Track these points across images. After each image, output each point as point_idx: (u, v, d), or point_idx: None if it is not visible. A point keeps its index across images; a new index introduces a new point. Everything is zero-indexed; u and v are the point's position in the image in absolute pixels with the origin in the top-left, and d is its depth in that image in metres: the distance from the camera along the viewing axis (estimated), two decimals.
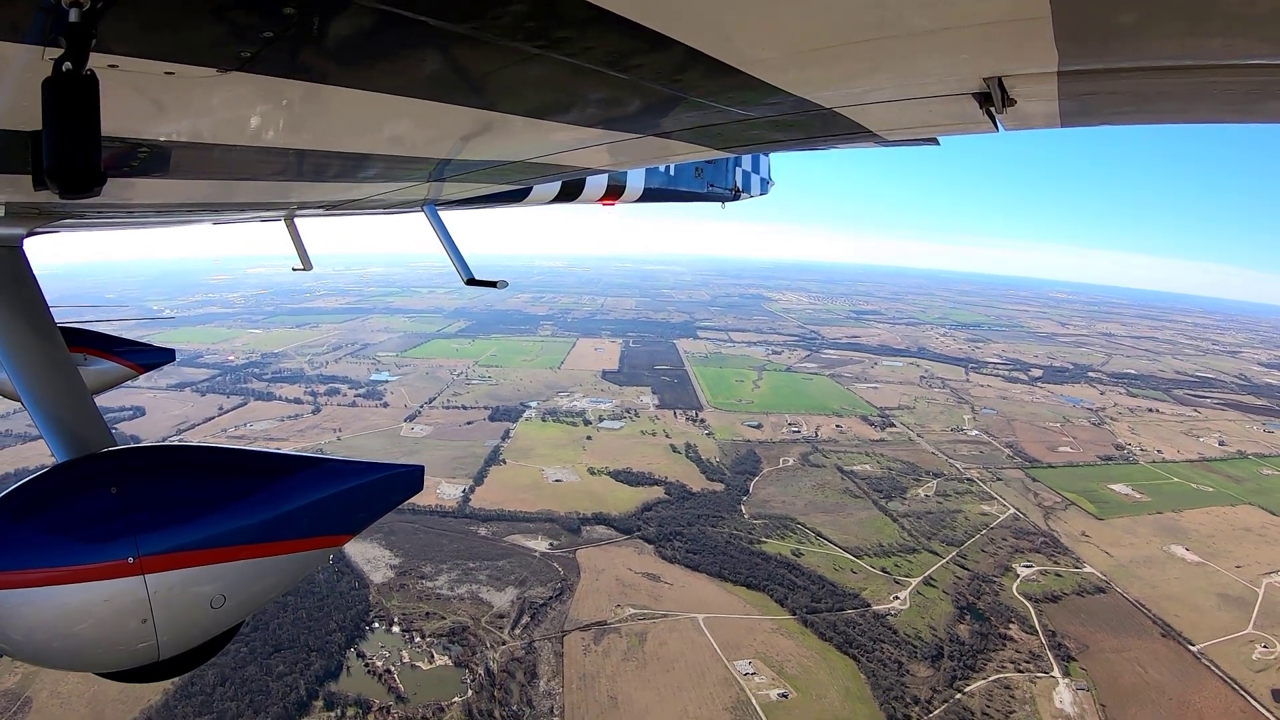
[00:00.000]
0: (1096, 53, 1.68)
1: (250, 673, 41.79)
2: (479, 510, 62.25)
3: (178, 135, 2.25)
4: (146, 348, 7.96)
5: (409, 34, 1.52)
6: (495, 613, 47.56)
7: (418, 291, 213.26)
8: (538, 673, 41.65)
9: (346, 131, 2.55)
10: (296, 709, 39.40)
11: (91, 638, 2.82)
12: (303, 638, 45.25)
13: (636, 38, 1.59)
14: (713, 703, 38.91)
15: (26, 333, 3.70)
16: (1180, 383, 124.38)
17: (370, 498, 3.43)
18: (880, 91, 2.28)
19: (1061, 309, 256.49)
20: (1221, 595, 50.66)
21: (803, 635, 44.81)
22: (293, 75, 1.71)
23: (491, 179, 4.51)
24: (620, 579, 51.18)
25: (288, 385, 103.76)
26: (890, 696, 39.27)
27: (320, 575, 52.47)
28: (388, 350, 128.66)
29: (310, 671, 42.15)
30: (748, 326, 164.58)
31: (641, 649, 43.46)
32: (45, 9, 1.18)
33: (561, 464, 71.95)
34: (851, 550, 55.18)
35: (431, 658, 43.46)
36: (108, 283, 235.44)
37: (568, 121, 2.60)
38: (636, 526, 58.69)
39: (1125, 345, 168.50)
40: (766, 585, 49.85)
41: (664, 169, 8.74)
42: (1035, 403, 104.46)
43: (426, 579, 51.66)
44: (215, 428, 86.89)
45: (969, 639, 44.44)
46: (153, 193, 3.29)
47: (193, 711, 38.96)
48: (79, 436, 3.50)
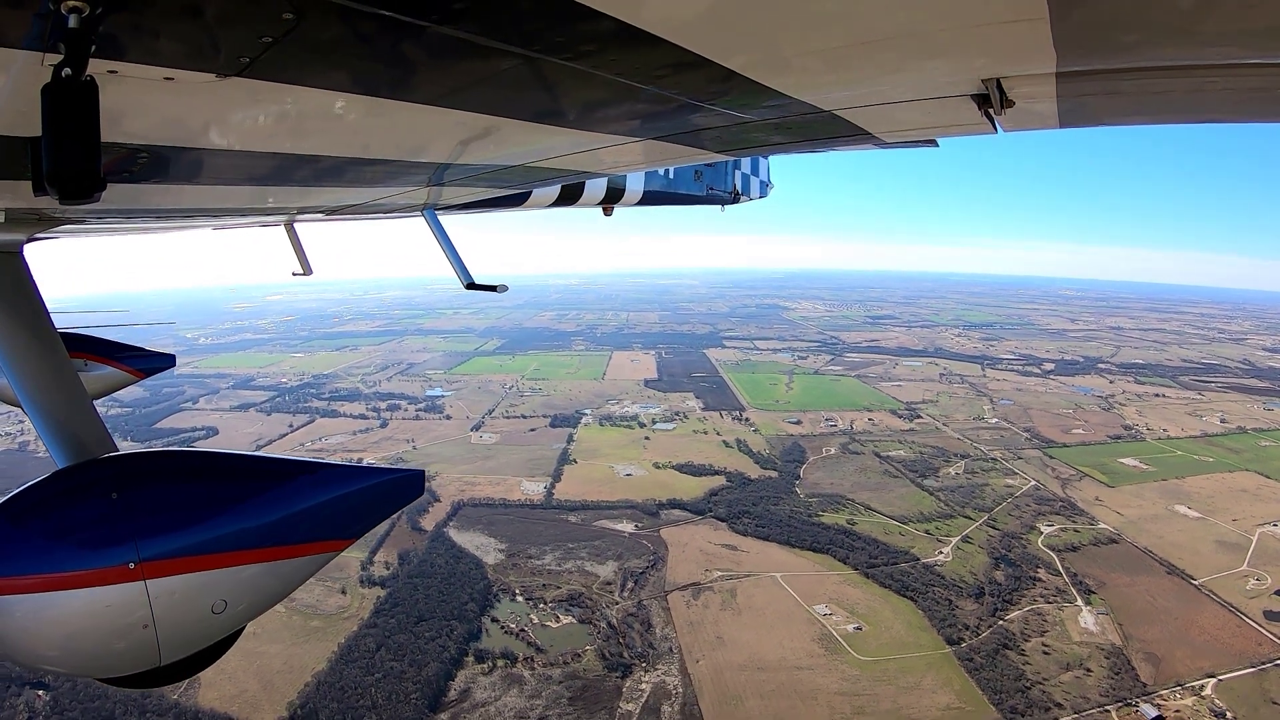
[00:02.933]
0: (1095, 54, 1.74)
1: (402, 639, 50.72)
2: (564, 501, 71.90)
3: (177, 140, 2.30)
4: (147, 353, 8.07)
5: (407, 39, 1.58)
6: (602, 581, 57.21)
7: (443, 313, 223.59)
8: (651, 623, 51.26)
9: (346, 136, 2.63)
10: (452, 664, 47.78)
11: (93, 643, 2.86)
12: (439, 610, 54.63)
13: (636, 42, 1.64)
14: (802, 637, 48.61)
15: (27, 338, 3.73)
16: (1186, 369, 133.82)
17: (371, 503, 3.50)
18: (879, 94, 2.36)
19: (1071, 306, 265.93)
20: (1219, 542, 60.30)
21: (866, 584, 54.59)
22: (292, 80, 1.77)
23: (491, 183, 4.60)
24: (703, 550, 60.96)
25: (347, 403, 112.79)
26: (945, 625, 48.99)
27: (439, 559, 62.33)
28: (434, 368, 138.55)
29: (455, 635, 50.69)
30: (770, 335, 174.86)
31: (734, 601, 53.20)
32: (44, 15, 1.19)
33: (627, 461, 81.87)
34: (897, 518, 65.08)
35: (557, 618, 52.89)
36: (134, 314, 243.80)
37: (567, 126, 2.69)
38: (708, 508, 68.52)
39: (1133, 338, 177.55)
40: (829, 548, 59.67)
41: (663, 172, 8.96)
42: (1049, 393, 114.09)
43: (534, 558, 61.27)
44: (292, 442, 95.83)
45: (1004, 581, 54.24)
46: (153, 198, 3.34)
47: (360, 673, 48.31)
48: (80, 442, 3.54)
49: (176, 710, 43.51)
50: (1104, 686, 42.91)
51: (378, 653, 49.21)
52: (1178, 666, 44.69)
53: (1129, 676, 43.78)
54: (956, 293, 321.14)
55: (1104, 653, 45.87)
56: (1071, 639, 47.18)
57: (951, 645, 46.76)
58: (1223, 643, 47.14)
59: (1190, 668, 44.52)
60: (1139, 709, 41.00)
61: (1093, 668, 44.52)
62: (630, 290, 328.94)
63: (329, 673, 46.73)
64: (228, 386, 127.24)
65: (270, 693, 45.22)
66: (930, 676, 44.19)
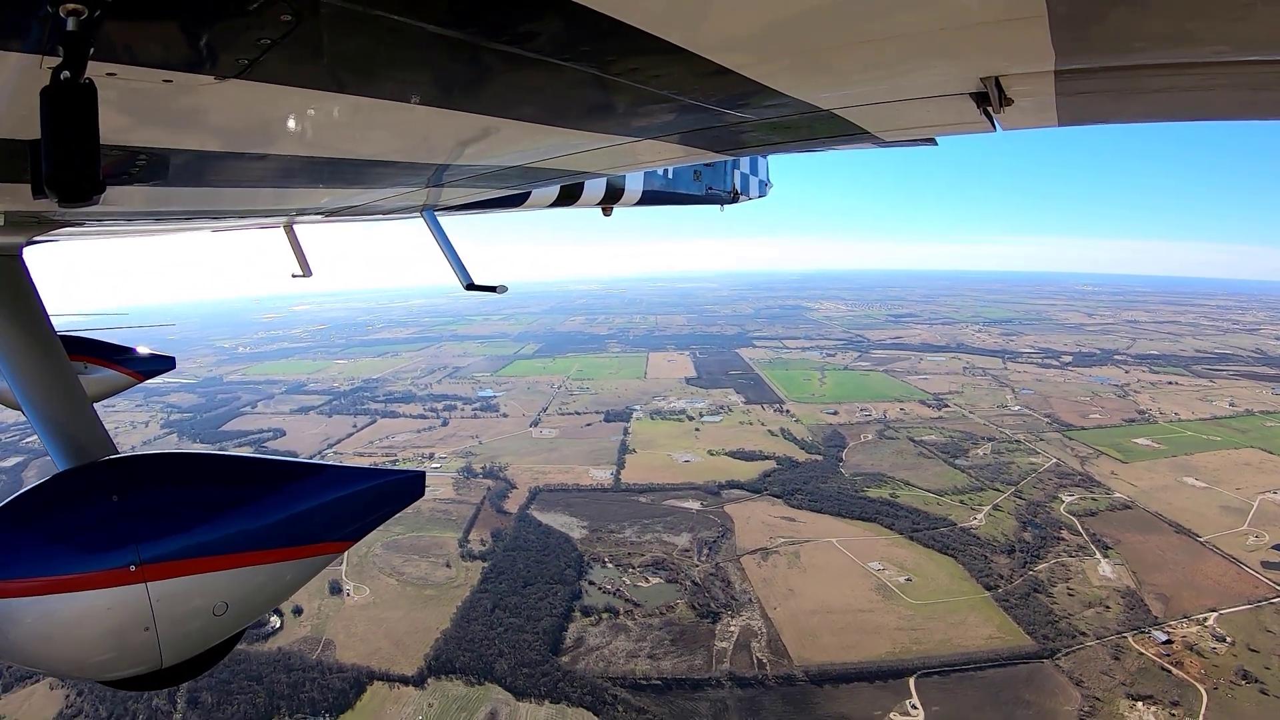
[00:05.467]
0: (1093, 52, 1.76)
1: (514, 601, 59.67)
2: (632, 485, 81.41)
3: (176, 143, 2.34)
4: (147, 355, 8.16)
5: (406, 40, 1.60)
6: (680, 549, 66.70)
7: (473, 320, 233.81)
8: (730, 580, 60.74)
9: (345, 138, 2.68)
10: (563, 618, 56.49)
11: (93, 646, 2.91)
12: (540, 576, 63.78)
13: (634, 42, 1.67)
14: (861, 587, 58.05)
15: (27, 341, 3.78)
16: (1199, 359, 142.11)
17: (371, 504, 3.56)
18: (877, 93, 2.39)
19: (1088, 301, 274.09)
20: (1223, 507, 69.29)
21: (911, 546, 63.99)
22: (291, 82, 1.80)
23: (490, 183, 4.66)
24: (765, 521, 70.47)
25: (403, 404, 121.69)
26: (983, 575, 58.35)
27: (529, 536, 71.70)
28: (479, 371, 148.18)
29: (559, 596, 59.39)
30: (797, 334, 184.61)
31: (799, 561, 62.70)
32: (43, 18, 1.21)
33: (683, 449, 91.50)
34: (934, 491, 74.57)
35: (646, 579, 62.27)
36: (171, 327, 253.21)
37: (566, 126, 2.74)
38: (764, 487, 78.09)
39: (1149, 330, 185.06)
40: (876, 517, 69.17)
41: (662, 172, 9.12)
42: (1067, 383, 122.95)
43: (615, 532, 70.76)
44: (361, 441, 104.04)
45: (1032, 540, 63.55)
46: (152, 200, 3.39)
47: (483, 629, 56.80)
48: (80, 445, 3.60)
49: (320, 666, 52.52)
50: (1121, 619, 52.19)
51: (494, 612, 58.40)
52: (1184, 604, 53.85)
53: (1142, 611, 53.02)
54: (974, 290, 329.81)
55: (1120, 594, 55.15)
56: (1092, 584, 56.52)
57: (989, 590, 56.20)
58: (1224, 586, 56.24)
59: (1195, 605, 53.67)
60: (1150, 635, 50.21)
61: (1111, 605, 53.81)
62: (653, 294, 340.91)
63: (454, 630, 55.64)
64: (281, 392, 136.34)
65: (403, 649, 53.97)
66: (973, 615, 53.58)
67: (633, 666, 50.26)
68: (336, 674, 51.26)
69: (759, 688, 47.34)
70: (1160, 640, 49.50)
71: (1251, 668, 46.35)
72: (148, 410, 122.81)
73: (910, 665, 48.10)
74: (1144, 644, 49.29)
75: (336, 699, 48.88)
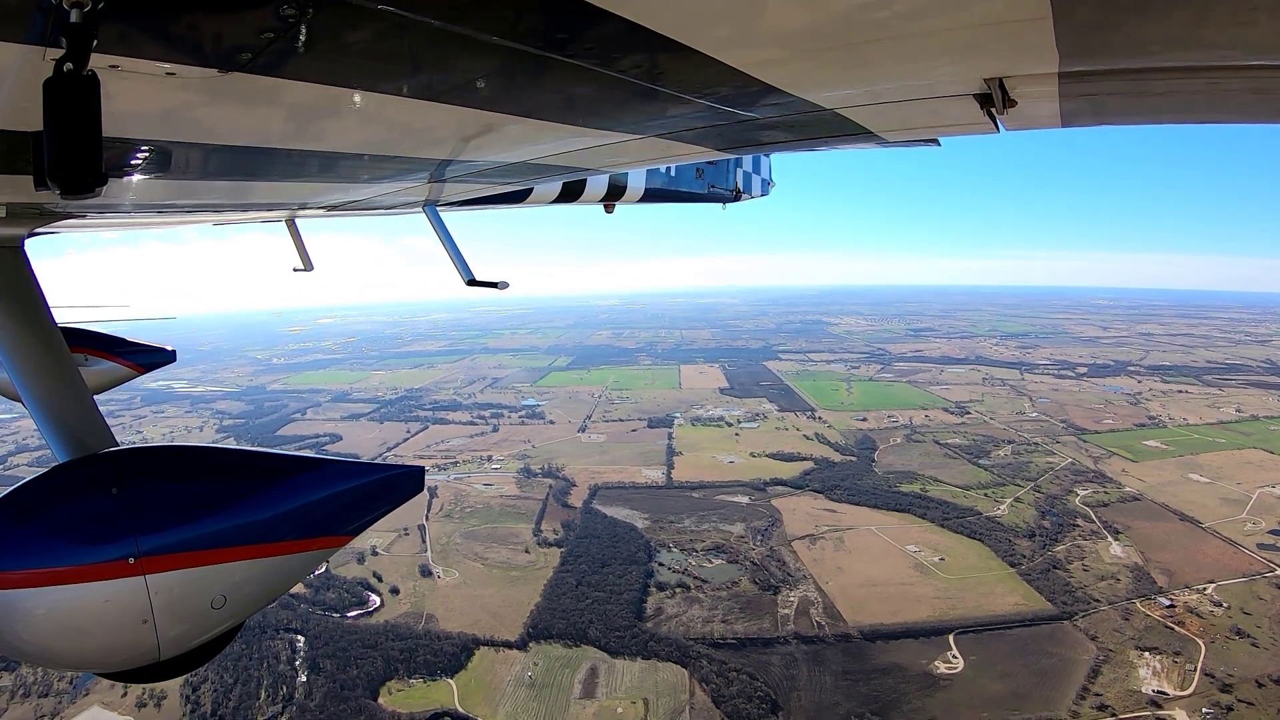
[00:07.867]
0: (1097, 53, 1.78)
1: (595, 578, 68.12)
2: (683, 483, 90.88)
3: (179, 136, 2.36)
4: (147, 348, 8.31)
5: (410, 35, 1.64)
6: (737, 535, 76.07)
7: (500, 333, 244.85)
8: (785, 561, 70.14)
9: (349, 132, 2.72)
10: (641, 592, 65.57)
11: (92, 638, 2.95)
12: (615, 558, 72.89)
13: (638, 39, 1.69)
14: (900, 566, 67.41)
15: (27, 333, 3.83)
16: (1210, 370, 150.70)
17: (371, 498, 3.63)
18: (881, 93, 2.42)
19: (1103, 314, 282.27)
20: (1224, 499, 78.34)
21: (943, 532, 73.36)
22: (294, 76, 1.82)
23: (492, 179, 4.73)
24: (809, 513, 79.93)
25: (450, 412, 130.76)
26: (1007, 555, 67.67)
27: (597, 526, 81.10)
28: (518, 382, 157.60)
29: (634, 574, 68.56)
30: (820, 348, 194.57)
31: (844, 545, 72.12)
32: (46, 10, 1.23)
33: (726, 452, 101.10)
34: (960, 486, 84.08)
35: (710, 561, 71.38)
36: (198, 338, 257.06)
37: (569, 122, 2.77)
38: (805, 484, 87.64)
39: (1162, 342, 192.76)
40: (910, 508, 78.68)
41: (665, 170, 9.27)
42: (1082, 392, 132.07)
43: (675, 523, 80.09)
44: (419, 445, 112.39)
45: (1050, 527, 72.89)
46: (154, 192, 3.44)
47: (571, 602, 65.25)
48: (80, 437, 3.66)
49: (429, 635, 61.85)
50: (1130, 589, 61.38)
51: (578, 587, 67.66)
52: (1186, 577, 62.95)
53: (1148, 583, 62.19)
54: (991, 305, 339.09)
55: (1129, 569, 64.36)
56: (1104, 561, 65.79)
57: (1014, 567, 65.53)
58: (1222, 564, 65.29)
59: (1196, 577, 62.74)
60: (1156, 600, 59.35)
61: (1121, 578, 63.02)
62: (674, 309, 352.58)
63: (545, 603, 64.60)
64: (327, 400, 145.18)
65: (501, 620, 63.02)
66: (1000, 587, 62.87)
67: (710, 629, 59.65)
68: (446, 640, 60.28)
69: (821, 644, 56.71)
70: (1164, 605, 58.60)
71: (1244, 627, 55.39)
72: (199, 416, 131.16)
73: (949, 625, 57.41)
74: (1150, 608, 58.45)
75: (449, 661, 57.75)
